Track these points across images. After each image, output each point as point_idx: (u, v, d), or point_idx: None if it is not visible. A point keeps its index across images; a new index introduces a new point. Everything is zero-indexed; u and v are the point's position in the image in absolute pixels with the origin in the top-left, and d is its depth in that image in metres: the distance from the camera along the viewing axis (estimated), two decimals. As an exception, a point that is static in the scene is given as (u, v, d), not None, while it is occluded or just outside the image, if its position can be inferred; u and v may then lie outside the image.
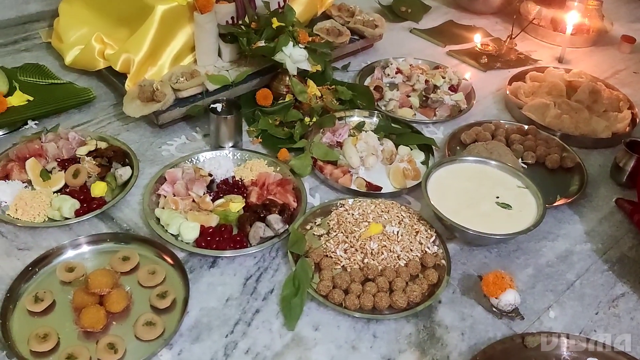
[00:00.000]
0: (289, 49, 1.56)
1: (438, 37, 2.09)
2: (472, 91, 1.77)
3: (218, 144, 1.48)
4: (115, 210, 1.31)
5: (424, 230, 1.25)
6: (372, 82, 1.78)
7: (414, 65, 1.86)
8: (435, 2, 2.35)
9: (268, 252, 1.23)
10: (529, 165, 1.53)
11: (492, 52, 2.00)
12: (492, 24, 2.23)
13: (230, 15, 1.67)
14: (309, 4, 1.89)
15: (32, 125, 1.53)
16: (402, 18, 2.20)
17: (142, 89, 1.51)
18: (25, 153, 1.38)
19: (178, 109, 1.54)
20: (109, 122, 1.57)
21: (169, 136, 1.54)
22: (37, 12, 1.91)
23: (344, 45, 1.86)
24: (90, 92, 1.63)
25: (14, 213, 1.26)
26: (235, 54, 1.71)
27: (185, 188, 1.33)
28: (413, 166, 1.46)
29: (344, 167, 1.44)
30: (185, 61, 1.68)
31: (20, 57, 1.80)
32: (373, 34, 1.91)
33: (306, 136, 1.52)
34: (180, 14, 1.60)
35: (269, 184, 1.36)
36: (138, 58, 1.57)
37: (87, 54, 1.67)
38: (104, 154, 1.40)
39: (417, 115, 1.69)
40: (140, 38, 1.57)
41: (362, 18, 1.93)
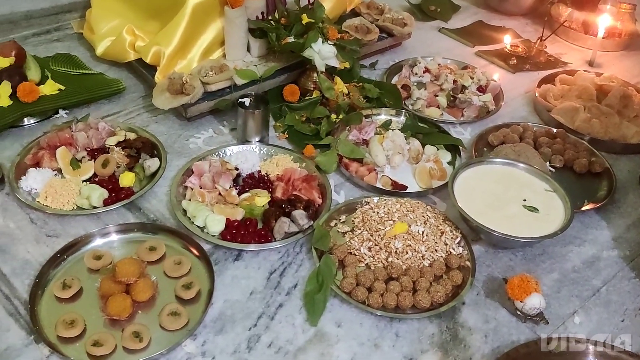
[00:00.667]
0: (318, 46, 1.56)
1: (467, 37, 2.07)
2: (500, 92, 1.75)
3: (245, 138, 1.49)
4: (143, 201, 1.32)
5: (449, 231, 1.25)
6: (400, 80, 1.78)
7: (442, 64, 1.85)
8: (465, 2, 2.33)
9: (292, 247, 1.24)
10: (556, 169, 1.51)
11: (521, 54, 1.98)
12: (522, 25, 2.21)
13: (261, 10, 1.67)
14: (338, 1, 1.89)
15: (62, 114, 1.56)
16: (431, 17, 2.18)
17: (171, 81, 1.53)
18: (56, 142, 1.40)
19: (206, 103, 1.55)
20: (138, 113, 1.59)
21: (196, 129, 1.55)
22: (69, 2, 1.94)
23: (372, 43, 1.86)
24: (120, 83, 1.65)
25: (43, 200, 1.28)
26: (264, 49, 1.71)
27: (212, 181, 1.34)
28: (439, 166, 1.45)
29: (369, 165, 1.44)
30: (214, 55, 1.69)
31: (52, 46, 1.83)
32: (402, 32, 1.90)
33: (332, 133, 1.52)
34: (211, 8, 1.61)
35: (295, 179, 1.37)
36: (168, 51, 1.58)
37: (118, 46, 1.69)
38: (132, 145, 1.42)
39: (444, 115, 1.68)
40: (171, 31, 1.58)
41: (391, 16, 1.93)
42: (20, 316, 1.07)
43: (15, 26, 1.86)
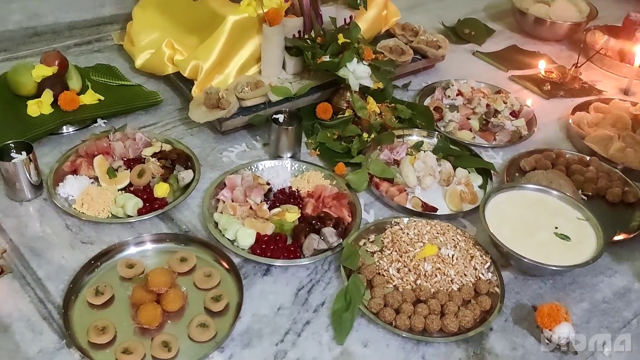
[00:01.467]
0: (353, 65, 1.58)
1: (501, 62, 2.07)
2: (533, 118, 1.75)
3: (277, 153, 1.51)
4: (176, 212, 1.34)
5: (479, 256, 1.24)
6: (432, 102, 1.79)
7: (475, 88, 1.85)
8: (500, 26, 2.34)
9: (321, 265, 1.24)
10: (589, 198, 1.50)
11: (555, 80, 1.97)
12: (557, 51, 2.20)
13: (298, 29, 1.70)
14: (374, 22, 1.92)
15: (101, 123, 1.59)
16: (465, 40, 2.19)
17: (208, 96, 1.55)
18: (94, 150, 1.43)
19: (241, 117, 1.58)
20: (174, 125, 1.62)
21: (230, 143, 1.58)
22: (110, 15, 1.99)
23: (406, 64, 1.87)
24: (157, 95, 1.68)
25: (79, 207, 1.31)
26: (299, 67, 1.74)
27: (243, 195, 1.35)
28: (470, 189, 1.45)
29: (400, 185, 1.45)
30: (250, 71, 1.72)
31: (93, 57, 1.88)
32: (436, 54, 1.91)
33: (364, 152, 1.53)
34: (250, 25, 1.64)
35: (325, 196, 1.38)
36: (206, 66, 1.62)
37: (157, 59, 1.73)
38: (168, 156, 1.45)
39: (476, 138, 1.67)
40: (210, 47, 1.62)
41: (425, 38, 1.94)
42: (54, 320, 1.09)
43: (58, 36, 1.92)
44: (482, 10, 2.45)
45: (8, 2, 1.78)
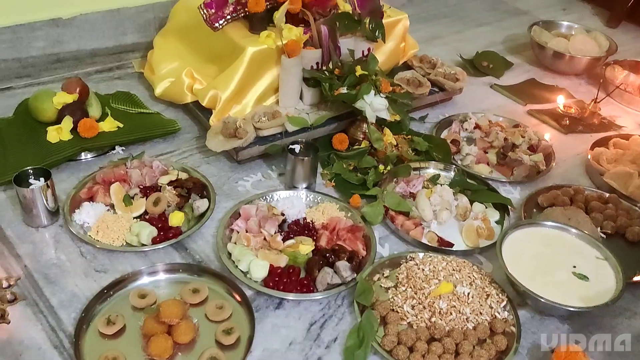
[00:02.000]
0: (370, 97, 1.58)
1: (519, 95, 2.06)
2: (552, 153, 1.73)
3: (292, 184, 1.51)
4: (190, 241, 1.34)
5: (495, 294, 1.22)
6: (449, 135, 1.78)
7: (493, 121, 1.84)
8: (518, 59, 2.33)
9: (334, 300, 1.23)
10: (608, 236, 1.47)
11: (574, 115, 1.95)
12: (576, 85, 2.19)
13: (316, 60, 1.71)
14: (392, 54, 1.92)
15: (119, 150, 1.60)
16: (483, 73, 2.19)
17: (225, 125, 1.56)
18: (111, 177, 1.44)
19: (257, 147, 1.58)
20: (191, 154, 1.63)
21: (245, 172, 1.58)
22: (132, 42, 2.02)
23: (423, 97, 1.87)
24: (176, 123, 1.70)
25: (94, 235, 1.31)
26: (317, 98, 1.74)
27: (258, 225, 1.35)
28: (487, 225, 1.43)
29: (415, 219, 1.43)
30: (268, 101, 1.73)
31: (114, 84, 1.90)
32: (453, 87, 1.91)
33: (379, 184, 1.52)
34: (269, 56, 1.66)
35: (340, 229, 1.37)
36: (225, 95, 1.63)
37: (177, 87, 1.75)
38: (183, 185, 1.45)
39: (493, 172, 1.66)
40: (229, 77, 1.63)
41: (443, 71, 1.94)
42: (65, 349, 1.09)
43: (80, 63, 1.95)
44: (501, 43, 2.45)
45: (33, 29, 1.81)
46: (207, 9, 1.67)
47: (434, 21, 2.58)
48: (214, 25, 1.67)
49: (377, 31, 1.77)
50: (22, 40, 1.81)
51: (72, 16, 1.86)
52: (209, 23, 1.67)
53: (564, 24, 2.40)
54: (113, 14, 1.93)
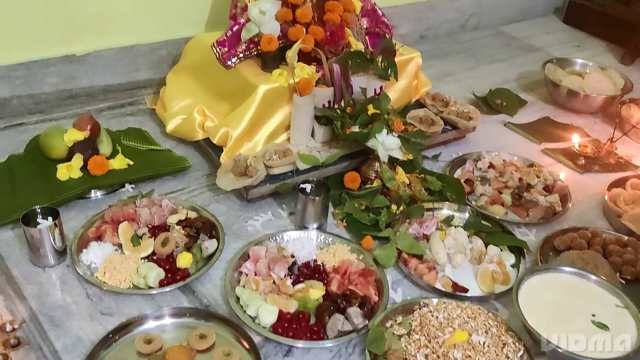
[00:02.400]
0: (382, 136, 1.57)
1: (533, 134, 2.04)
2: (567, 193, 1.69)
3: (303, 224, 1.48)
4: (198, 284, 1.31)
5: (511, 343, 1.18)
6: (463, 174, 1.75)
7: (507, 160, 1.81)
8: (532, 97, 2.31)
9: (345, 347, 1.19)
10: (627, 281, 1.43)
11: (590, 154, 1.92)
12: (591, 123, 2.16)
13: (328, 99, 1.70)
14: (404, 92, 1.91)
15: (128, 188, 1.59)
16: (496, 111, 2.16)
17: (236, 163, 1.55)
18: (120, 216, 1.43)
19: (268, 185, 1.56)
20: (201, 191, 1.61)
21: (255, 211, 1.56)
22: (145, 79, 2.02)
23: (436, 135, 1.85)
24: (186, 161, 1.68)
25: (101, 276, 1.29)
26: (328, 136, 1.73)
27: (267, 268, 1.32)
28: (502, 269, 1.40)
29: (429, 262, 1.40)
30: (279, 139, 1.72)
31: (125, 120, 1.90)
32: (467, 126, 1.89)
33: (392, 225, 1.50)
34: (281, 94, 1.65)
35: (351, 272, 1.34)
36: (236, 133, 1.62)
37: (188, 125, 1.74)
38: (192, 224, 1.43)
39: (508, 214, 1.63)
40: (241, 115, 1.62)
41: (456, 109, 1.92)
42: (67, 397, 1.06)
43: (92, 99, 1.95)
44: (514, 80, 2.43)
45: (46, 65, 1.82)
46: (220, 47, 1.67)
47: (447, 58, 2.58)
48: (227, 63, 1.67)
49: (389, 69, 1.76)
50: (36, 77, 1.82)
51: (86, 53, 1.87)
52: (221, 61, 1.67)
53: (578, 62, 2.38)
54: (127, 51, 1.94)
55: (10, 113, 1.84)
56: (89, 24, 1.84)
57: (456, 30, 2.82)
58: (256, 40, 1.67)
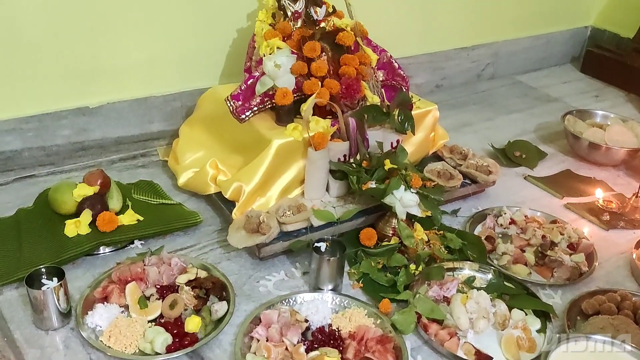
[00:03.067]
0: (400, 193, 1.51)
1: (554, 187, 1.98)
2: (593, 252, 1.62)
3: (317, 284, 1.42)
4: (206, 349, 1.25)
5: (542, 421, 1.10)
6: (484, 230, 1.69)
7: (529, 216, 1.75)
8: (552, 148, 2.25)
9: (362, 422, 1.12)
10: (662, 350, 1.34)
11: (615, 210, 1.85)
12: (614, 176, 2.10)
13: (343, 153, 1.66)
14: (421, 144, 1.87)
15: (138, 244, 1.54)
16: (516, 163, 2.11)
17: (248, 219, 1.50)
18: (127, 276, 1.38)
19: (281, 243, 1.51)
20: (212, 248, 1.56)
21: (268, 270, 1.50)
22: (158, 130, 2.00)
23: (455, 189, 1.79)
24: (197, 216, 1.64)
25: (106, 340, 1.23)
26: (344, 190, 1.68)
27: (279, 333, 1.26)
28: (528, 335, 1.32)
29: (450, 328, 1.33)
30: (293, 193, 1.67)
31: (137, 172, 1.87)
32: (486, 180, 1.84)
33: (411, 286, 1.43)
34: (295, 148, 1.61)
35: (368, 339, 1.26)
36: (249, 188, 1.57)
37: (200, 178, 1.71)
38: (202, 285, 1.37)
39: (532, 274, 1.55)
40: (254, 169, 1.58)
41: (475, 162, 1.87)
42: None
43: (104, 151, 1.93)
44: (533, 131, 2.38)
45: (59, 118, 1.80)
46: (234, 101, 1.65)
47: (463, 108, 2.54)
48: (241, 116, 1.64)
49: (406, 123, 1.73)
50: (48, 129, 1.81)
51: (99, 105, 1.86)
52: (235, 115, 1.64)
53: (598, 113, 2.33)
54: (140, 103, 1.92)
55: (21, 165, 1.81)
56: (102, 76, 1.83)
57: (472, 80, 2.80)
58: (271, 93, 1.65)
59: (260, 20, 1.77)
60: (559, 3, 2.93)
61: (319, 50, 1.65)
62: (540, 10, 2.86)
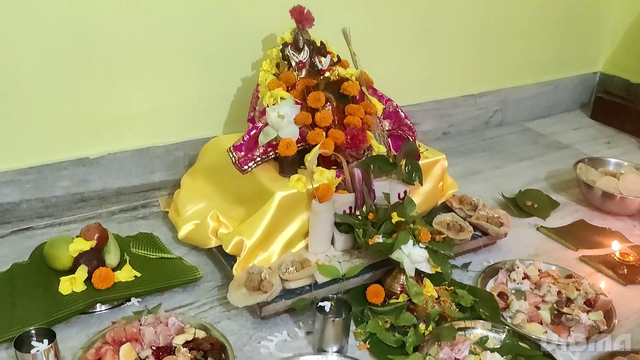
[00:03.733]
0: (408, 248, 1.45)
1: (568, 239, 1.90)
2: (612, 309, 1.54)
3: (321, 346, 1.35)
4: (203, 418, 1.18)
5: None
6: (496, 286, 1.61)
7: (543, 270, 1.67)
8: (564, 197, 2.19)
9: None
10: (691, 418, 1.25)
11: (632, 263, 1.78)
12: (629, 227, 2.02)
13: (349, 205, 1.60)
14: (429, 195, 1.82)
15: (134, 302, 1.48)
16: (527, 213, 2.04)
17: (249, 276, 1.44)
18: (122, 336, 1.31)
19: (283, 301, 1.44)
20: (211, 306, 1.50)
21: (269, 330, 1.43)
22: (160, 181, 1.96)
23: (465, 242, 1.73)
24: (197, 271, 1.58)
25: (97, 408, 1.16)
26: (350, 244, 1.62)
27: (281, 401, 1.18)
28: (546, 403, 1.24)
29: (463, 394, 1.25)
30: (296, 247, 1.61)
31: (137, 224, 1.82)
32: (497, 232, 1.77)
33: (420, 347, 1.35)
34: (298, 200, 1.56)
35: (376, 406, 1.19)
36: (250, 243, 1.52)
37: (201, 231, 1.65)
38: (200, 346, 1.30)
39: (548, 333, 1.47)
40: (256, 223, 1.53)
41: (485, 213, 1.81)
42: None
43: (104, 202, 1.89)
44: (544, 179, 2.33)
45: (58, 169, 1.77)
46: (237, 152, 1.61)
47: (472, 155, 2.50)
48: (243, 168, 1.61)
49: (413, 173, 1.68)
50: (47, 180, 1.77)
51: (100, 155, 1.82)
52: (237, 166, 1.60)
53: (611, 161, 2.28)
54: (142, 153, 1.89)
55: (19, 217, 1.77)
56: (103, 126, 1.80)
57: (480, 127, 2.76)
58: (274, 143, 1.61)
59: (264, 70, 1.75)
60: (566, 49, 2.92)
61: (323, 101, 1.61)
62: (547, 57, 2.85)
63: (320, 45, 1.74)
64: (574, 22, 2.86)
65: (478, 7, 2.47)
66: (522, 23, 2.66)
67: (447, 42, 2.45)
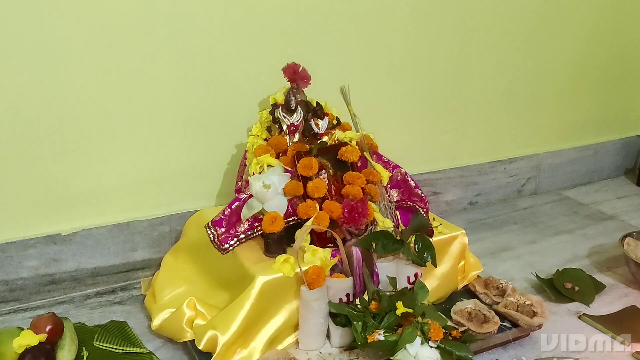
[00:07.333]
0: (415, 348, 1.19)
1: (618, 330, 1.58)
2: None
3: None
4: None
5: None
6: (529, 393, 1.31)
7: (587, 373, 1.37)
8: (610, 278, 1.88)
9: None
10: None
11: (701, 362, 1.45)
12: (692, 312, 1.70)
13: (346, 291, 1.35)
14: (447, 278, 1.55)
15: (85, 411, 1.24)
16: (567, 297, 1.74)
17: (221, 381, 1.19)
18: None
19: (262, 413, 1.18)
20: (177, 417, 1.24)
21: None
22: (143, 259, 1.74)
23: (491, 336, 1.44)
24: (165, 371, 1.33)
25: None
26: (348, 339, 1.36)
27: None
28: None
29: None
30: (284, 342, 1.36)
31: (111, 311, 1.60)
32: (530, 323, 1.48)
33: None
34: (285, 286, 1.32)
35: None
36: (225, 339, 1.27)
37: (176, 321, 1.41)
38: None
39: None
40: (231, 314, 1.29)
41: (515, 300, 1.52)
42: None
43: (78, 284, 1.67)
44: (586, 256, 2.02)
45: (25, 247, 1.58)
46: (216, 228, 1.39)
47: (502, 228, 2.21)
48: (223, 246, 1.39)
49: (425, 252, 1.42)
50: (12, 260, 1.57)
51: (73, 231, 1.62)
52: (216, 244, 1.38)
53: (664, 235, 1.97)
54: (122, 228, 1.69)
55: (-21, 302, 1.57)
56: (77, 199, 1.61)
57: (512, 196, 2.49)
58: (260, 217, 1.39)
59: (253, 134, 1.55)
60: (606, 109, 2.66)
61: (315, 168, 1.40)
62: (585, 118, 2.60)
63: (317, 106, 1.54)
64: (614, 79, 2.61)
65: (506, 64, 2.25)
66: (555, 82, 2.43)
67: (471, 103, 2.22)
